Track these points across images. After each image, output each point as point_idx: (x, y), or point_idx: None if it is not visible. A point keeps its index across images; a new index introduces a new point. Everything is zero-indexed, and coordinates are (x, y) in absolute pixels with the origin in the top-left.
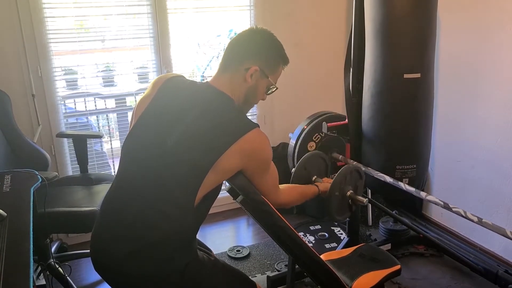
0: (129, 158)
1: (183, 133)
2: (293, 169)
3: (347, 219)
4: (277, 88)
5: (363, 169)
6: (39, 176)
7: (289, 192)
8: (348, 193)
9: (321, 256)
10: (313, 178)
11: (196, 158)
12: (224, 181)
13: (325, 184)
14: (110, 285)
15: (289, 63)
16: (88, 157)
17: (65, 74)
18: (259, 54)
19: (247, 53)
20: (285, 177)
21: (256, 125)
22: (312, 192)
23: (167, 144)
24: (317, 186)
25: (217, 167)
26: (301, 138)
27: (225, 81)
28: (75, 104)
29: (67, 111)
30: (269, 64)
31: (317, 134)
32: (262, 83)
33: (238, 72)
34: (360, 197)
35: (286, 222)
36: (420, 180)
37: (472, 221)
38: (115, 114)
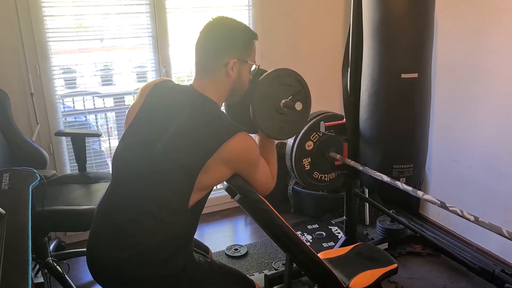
0: (120, 165)
1: (170, 139)
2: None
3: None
4: (259, 65)
5: (360, 168)
6: (37, 175)
7: (270, 169)
8: (283, 102)
9: (319, 255)
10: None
11: (185, 162)
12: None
13: None
14: None
15: (258, 36)
16: (87, 155)
17: (63, 72)
18: (230, 45)
19: (219, 49)
20: (283, 176)
21: (241, 129)
22: (267, 141)
23: (155, 151)
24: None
25: (208, 173)
26: (298, 137)
27: (207, 83)
28: (73, 103)
29: (66, 109)
30: (243, 49)
31: (314, 133)
32: (243, 69)
33: (218, 71)
34: (296, 103)
35: (283, 220)
36: (417, 179)
37: (469, 220)
38: (113, 113)
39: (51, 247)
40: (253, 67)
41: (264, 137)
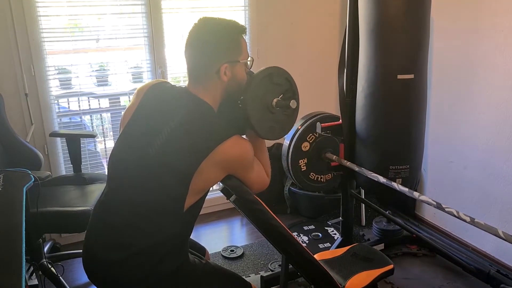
0: (115, 168)
1: (164, 143)
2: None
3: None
4: (253, 59)
5: (357, 169)
6: (32, 176)
7: (264, 167)
8: (274, 101)
9: (315, 256)
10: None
11: (177, 165)
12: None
13: None
14: None
15: (246, 29)
16: (82, 156)
17: (58, 73)
18: (218, 51)
19: (207, 58)
20: (280, 177)
21: (235, 133)
22: (259, 141)
23: (149, 153)
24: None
25: (201, 175)
26: (295, 138)
27: (201, 90)
28: (68, 104)
29: (61, 110)
30: (231, 50)
31: (311, 134)
32: (237, 69)
33: (211, 79)
34: (291, 101)
35: (279, 221)
36: (413, 180)
37: (465, 221)
38: (109, 114)
39: (46, 248)
40: (248, 62)
41: (255, 137)
